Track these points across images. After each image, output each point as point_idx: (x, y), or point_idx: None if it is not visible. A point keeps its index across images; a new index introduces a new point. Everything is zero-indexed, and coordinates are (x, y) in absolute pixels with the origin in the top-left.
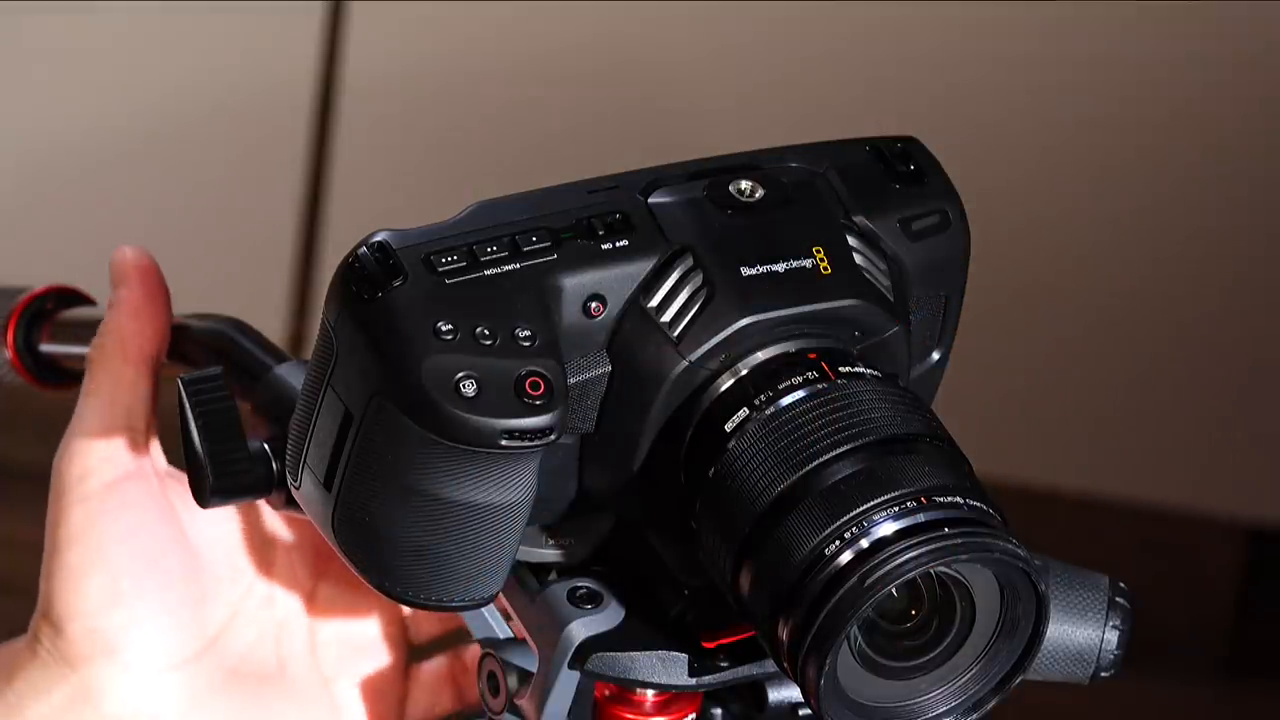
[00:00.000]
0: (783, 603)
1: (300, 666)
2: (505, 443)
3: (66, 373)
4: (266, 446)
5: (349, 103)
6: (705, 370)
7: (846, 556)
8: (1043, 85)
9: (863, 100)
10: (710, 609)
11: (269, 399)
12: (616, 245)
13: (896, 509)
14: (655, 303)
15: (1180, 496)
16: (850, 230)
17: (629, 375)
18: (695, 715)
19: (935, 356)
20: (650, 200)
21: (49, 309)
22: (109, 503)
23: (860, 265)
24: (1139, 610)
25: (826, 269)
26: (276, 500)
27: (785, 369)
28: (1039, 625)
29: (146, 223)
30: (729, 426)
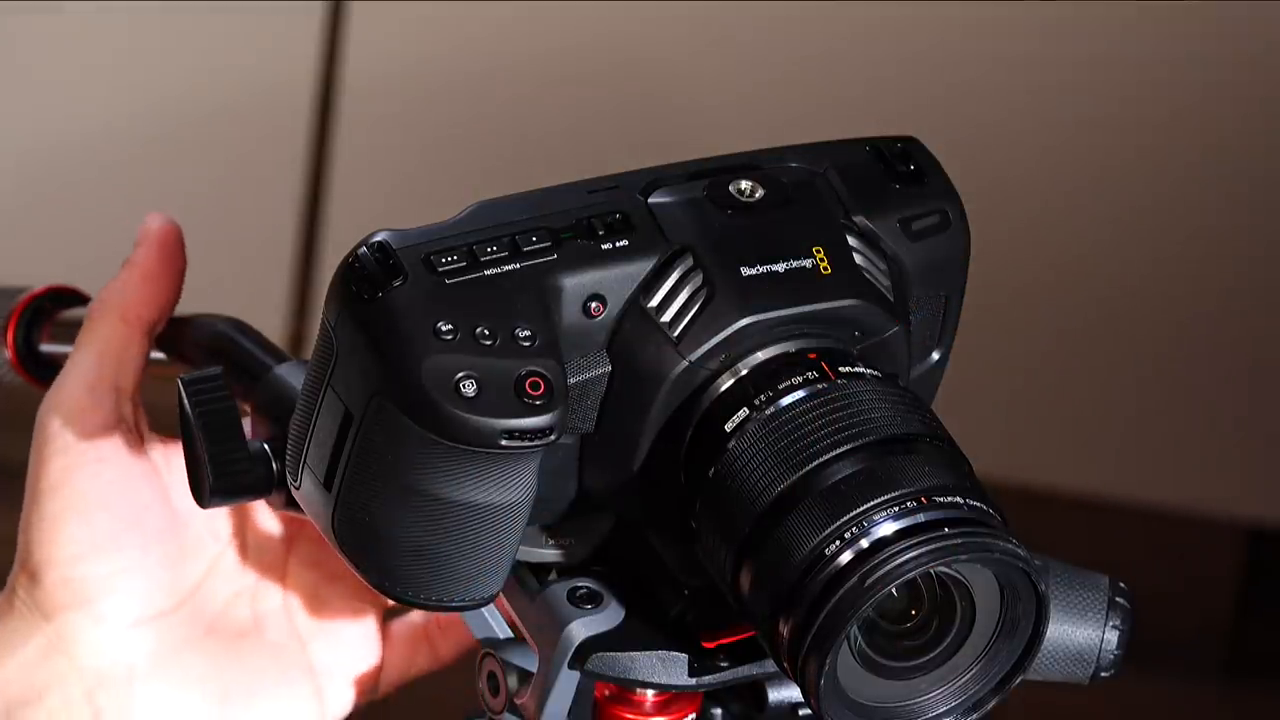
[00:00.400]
0: (783, 602)
1: (277, 625)
2: (505, 443)
3: None
4: (266, 446)
5: (349, 103)
6: (705, 370)
7: (846, 556)
8: (1043, 85)
9: (863, 100)
10: (710, 609)
11: (269, 399)
12: (616, 245)
13: (896, 509)
14: (655, 303)
15: (1180, 496)
16: (850, 230)
17: (629, 375)
18: (695, 715)
19: (935, 356)
20: (650, 200)
21: (49, 309)
22: (89, 455)
23: (860, 265)
24: (1139, 610)
25: (826, 269)
26: (276, 500)
27: (785, 369)
28: (1039, 625)
29: None
30: (729, 426)
